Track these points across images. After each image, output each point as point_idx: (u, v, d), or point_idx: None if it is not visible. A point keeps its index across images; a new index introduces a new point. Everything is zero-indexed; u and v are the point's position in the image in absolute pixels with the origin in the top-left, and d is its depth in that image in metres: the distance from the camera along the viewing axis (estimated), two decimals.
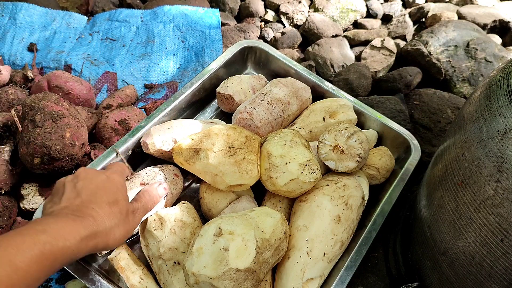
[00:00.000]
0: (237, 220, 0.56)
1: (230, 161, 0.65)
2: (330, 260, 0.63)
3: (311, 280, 0.61)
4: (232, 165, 0.65)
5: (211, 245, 0.52)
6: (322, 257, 0.61)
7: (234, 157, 0.65)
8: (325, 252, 0.62)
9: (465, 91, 1.06)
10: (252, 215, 0.59)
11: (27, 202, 0.73)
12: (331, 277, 0.64)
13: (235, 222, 0.55)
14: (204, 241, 0.53)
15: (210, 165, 0.65)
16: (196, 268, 0.51)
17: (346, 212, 0.65)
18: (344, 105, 0.85)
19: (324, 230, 0.62)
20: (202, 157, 0.65)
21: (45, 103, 0.69)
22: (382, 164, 0.78)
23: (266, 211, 0.61)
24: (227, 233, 0.53)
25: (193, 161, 0.66)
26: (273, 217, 0.60)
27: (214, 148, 0.65)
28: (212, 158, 0.65)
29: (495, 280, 0.49)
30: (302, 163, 0.65)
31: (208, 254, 0.52)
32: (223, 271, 0.50)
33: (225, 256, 0.51)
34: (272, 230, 0.58)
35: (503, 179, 0.44)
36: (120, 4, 1.27)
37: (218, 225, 0.54)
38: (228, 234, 0.53)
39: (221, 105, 0.88)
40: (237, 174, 0.65)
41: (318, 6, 1.29)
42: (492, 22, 1.24)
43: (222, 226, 0.54)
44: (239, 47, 0.93)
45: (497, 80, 0.49)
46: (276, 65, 0.95)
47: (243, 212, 0.61)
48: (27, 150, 0.67)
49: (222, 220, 0.56)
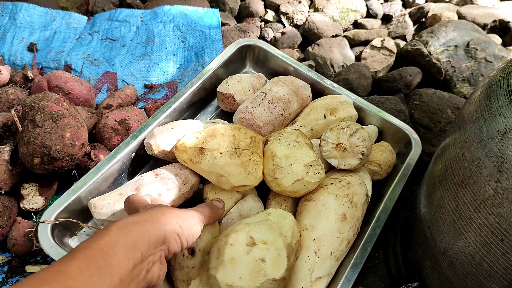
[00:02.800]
0: (263, 227, 0.55)
1: (236, 163, 0.65)
2: (337, 258, 0.63)
3: (319, 279, 0.61)
4: (238, 166, 0.65)
5: (245, 255, 0.51)
6: (329, 256, 0.62)
7: (240, 159, 0.65)
8: (332, 251, 0.62)
9: (465, 91, 1.06)
10: (273, 220, 0.59)
11: (27, 202, 0.73)
12: (337, 275, 0.65)
13: (263, 230, 0.54)
14: (236, 251, 0.51)
15: (216, 166, 0.65)
16: (231, 279, 0.50)
17: (351, 210, 0.65)
18: (344, 101, 0.85)
19: (330, 229, 0.63)
20: (208, 157, 0.65)
21: (45, 103, 0.69)
22: (384, 160, 0.78)
23: (281, 213, 0.61)
24: (260, 242, 0.52)
25: (198, 160, 0.66)
26: (289, 220, 0.60)
27: (220, 149, 0.66)
28: (219, 158, 0.65)
29: (495, 280, 0.49)
30: (307, 164, 0.65)
31: (243, 265, 0.51)
32: (260, 282, 0.50)
33: (263, 267, 0.51)
34: (291, 234, 0.58)
35: (503, 179, 0.44)
36: (120, 4, 1.27)
37: (248, 233, 0.53)
38: (262, 244, 0.52)
39: (222, 104, 0.88)
40: (242, 176, 0.65)
41: (318, 6, 1.29)
42: (492, 22, 1.24)
43: (253, 235, 0.53)
44: (238, 45, 0.93)
45: (497, 80, 0.49)
46: (275, 63, 0.95)
47: (262, 216, 0.59)
48: (27, 150, 0.67)
49: (249, 227, 0.54)
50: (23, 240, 0.69)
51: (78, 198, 0.68)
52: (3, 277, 0.69)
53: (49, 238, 0.63)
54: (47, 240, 0.63)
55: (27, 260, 0.71)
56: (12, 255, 0.71)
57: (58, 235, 0.66)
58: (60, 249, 0.62)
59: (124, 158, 0.74)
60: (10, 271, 0.70)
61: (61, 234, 0.67)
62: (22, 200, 0.73)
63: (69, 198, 0.67)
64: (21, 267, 0.70)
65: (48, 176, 0.75)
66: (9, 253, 0.72)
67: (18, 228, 0.70)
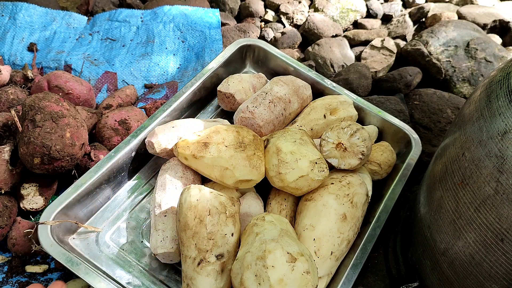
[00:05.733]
0: (288, 239, 0.55)
1: (241, 156, 0.66)
2: (337, 258, 0.63)
3: (319, 278, 0.61)
4: (244, 159, 0.66)
5: (291, 273, 0.51)
6: (329, 256, 0.62)
7: (245, 152, 0.66)
8: (332, 251, 0.62)
9: (465, 91, 1.06)
10: (286, 229, 0.59)
11: (27, 202, 0.73)
12: (338, 274, 0.65)
13: (290, 242, 0.54)
14: (281, 272, 0.50)
15: (221, 159, 0.65)
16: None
17: (351, 210, 0.65)
18: (344, 101, 0.85)
19: (330, 229, 0.63)
20: (213, 151, 0.66)
21: (45, 103, 0.69)
22: (384, 160, 0.78)
23: (278, 218, 0.62)
24: (298, 255, 0.52)
25: (202, 154, 0.66)
26: (286, 222, 0.61)
27: (225, 142, 0.67)
28: (224, 151, 0.66)
29: (495, 280, 0.49)
30: (312, 161, 0.65)
31: (292, 283, 0.51)
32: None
33: (309, 279, 0.51)
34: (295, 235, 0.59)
35: (503, 179, 0.44)
36: (120, 4, 1.27)
37: (283, 250, 0.52)
38: (300, 257, 0.52)
39: (222, 103, 0.89)
40: (248, 169, 0.66)
41: (318, 6, 1.29)
42: (492, 22, 1.24)
43: (289, 250, 0.52)
44: (238, 45, 0.93)
45: (497, 80, 0.49)
46: (275, 63, 0.95)
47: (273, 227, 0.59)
48: (27, 150, 0.67)
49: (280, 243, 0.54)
50: (23, 240, 0.69)
51: (79, 196, 0.68)
52: (3, 277, 0.69)
53: (49, 237, 0.63)
54: (47, 239, 0.63)
55: (27, 260, 0.71)
56: (12, 255, 0.71)
57: (59, 234, 0.66)
58: (60, 247, 0.63)
59: (124, 157, 0.74)
60: (10, 271, 0.70)
61: (62, 233, 0.67)
62: (22, 200, 0.73)
63: (70, 196, 0.67)
64: (21, 267, 0.70)
65: (48, 176, 0.75)
66: (9, 253, 0.72)
67: (18, 228, 0.70)
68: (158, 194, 0.69)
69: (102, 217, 0.74)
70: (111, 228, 0.73)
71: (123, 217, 0.74)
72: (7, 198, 0.71)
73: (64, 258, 0.62)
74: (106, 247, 0.70)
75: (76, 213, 0.70)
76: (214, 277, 0.57)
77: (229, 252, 0.59)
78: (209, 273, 0.57)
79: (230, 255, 0.59)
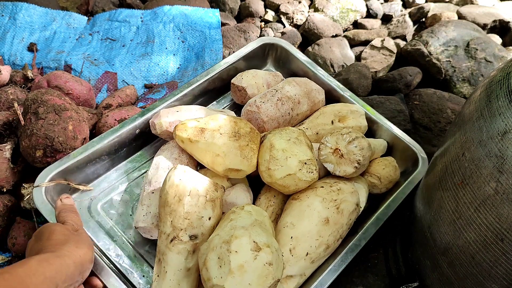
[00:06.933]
0: (259, 229, 0.55)
1: (234, 145, 0.67)
2: (313, 260, 0.63)
3: (291, 277, 0.62)
4: (236, 148, 0.67)
5: (253, 261, 0.51)
6: (304, 256, 0.62)
7: (238, 142, 0.68)
8: (308, 252, 0.62)
9: (465, 91, 1.07)
10: (261, 220, 0.59)
11: (27, 202, 0.73)
12: (312, 277, 0.65)
13: (260, 232, 0.54)
14: (243, 258, 0.51)
15: (214, 145, 0.67)
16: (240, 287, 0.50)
17: (336, 215, 0.65)
18: (355, 111, 0.84)
19: (310, 231, 0.63)
20: (207, 136, 0.68)
21: (48, 96, 0.70)
22: (385, 174, 0.77)
23: (257, 209, 0.62)
24: (264, 246, 0.52)
25: (197, 139, 0.68)
26: (265, 216, 0.62)
27: (221, 130, 0.68)
28: (218, 138, 0.67)
29: (495, 280, 0.49)
30: (302, 161, 0.65)
31: (252, 271, 0.51)
32: (268, 286, 0.51)
33: (270, 271, 0.51)
34: (272, 230, 0.59)
35: (503, 179, 0.44)
36: (120, 4, 1.27)
37: (250, 238, 0.53)
38: (266, 248, 0.52)
39: (234, 96, 0.90)
40: (238, 158, 0.67)
41: (318, 6, 1.29)
42: (492, 22, 1.24)
43: (256, 239, 0.53)
44: (260, 43, 0.95)
45: (497, 80, 0.49)
46: (295, 65, 0.96)
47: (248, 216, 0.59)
48: (29, 143, 0.67)
49: (249, 231, 0.54)
50: (23, 240, 0.69)
51: (78, 162, 0.71)
52: None
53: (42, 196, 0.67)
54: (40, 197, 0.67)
55: None
56: (12, 255, 0.71)
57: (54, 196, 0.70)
58: (50, 206, 0.66)
59: (128, 133, 0.77)
60: None
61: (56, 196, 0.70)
62: (22, 199, 0.73)
63: (68, 161, 0.70)
64: None
65: None
66: (9, 253, 0.72)
67: (18, 228, 0.70)
68: (151, 172, 0.71)
69: (99, 186, 0.77)
70: (105, 198, 0.76)
71: (118, 190, 0.77)
72: (7, 197, 0.72)
73: (53, 216, 0.64)
74: (96, 214, 0.73)
75: (73, 179, 0.73)
76: (184, 255, 0.58)
77: (204, 235, 0.60)
78: (180, 251, 0.58)
79: (204, 237, 0.60)
